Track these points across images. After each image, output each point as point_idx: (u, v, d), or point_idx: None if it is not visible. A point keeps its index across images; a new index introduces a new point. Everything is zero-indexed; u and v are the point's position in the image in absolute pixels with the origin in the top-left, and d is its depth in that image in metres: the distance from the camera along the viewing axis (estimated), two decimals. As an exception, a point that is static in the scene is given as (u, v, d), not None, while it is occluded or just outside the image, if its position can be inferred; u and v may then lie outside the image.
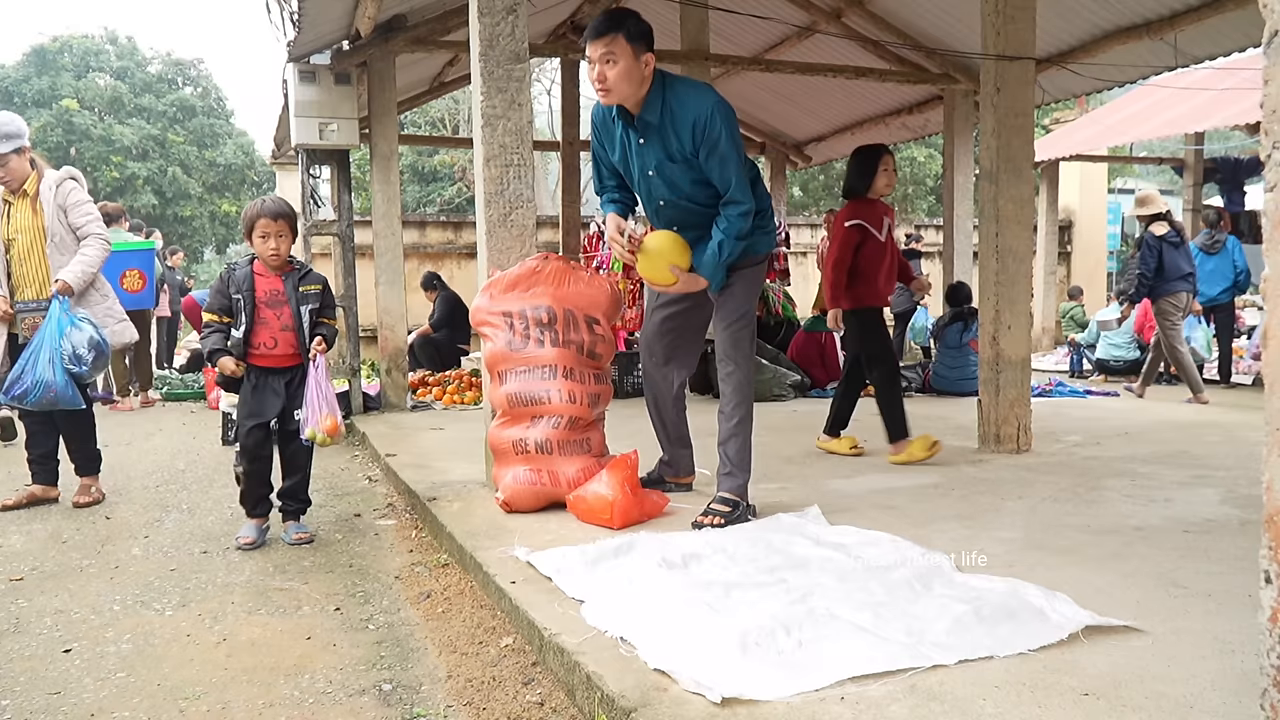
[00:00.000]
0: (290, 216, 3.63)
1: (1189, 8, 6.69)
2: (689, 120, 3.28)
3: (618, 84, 3.27)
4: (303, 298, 3.64)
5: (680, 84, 3.39)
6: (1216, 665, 2.02)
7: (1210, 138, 13.70)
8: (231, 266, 3.68)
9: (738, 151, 3.34)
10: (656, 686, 1.97)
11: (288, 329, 3.61)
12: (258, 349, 3.60)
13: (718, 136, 3.27)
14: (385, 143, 7.12)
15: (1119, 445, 5.09)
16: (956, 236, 8.93)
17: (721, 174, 3.33)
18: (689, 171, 3.39)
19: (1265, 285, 1.10)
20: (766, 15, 7.61)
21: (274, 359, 3.62)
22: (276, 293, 3.61)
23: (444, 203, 21.71)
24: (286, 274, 3.65)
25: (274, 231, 3.56)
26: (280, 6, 6.17)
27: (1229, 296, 8.48)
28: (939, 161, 17.97)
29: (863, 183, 4.72)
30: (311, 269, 3.76)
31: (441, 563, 3.38)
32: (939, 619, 2.25)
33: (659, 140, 3.37)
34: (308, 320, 3.64)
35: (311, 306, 3.66)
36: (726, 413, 3.49)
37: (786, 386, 7.67)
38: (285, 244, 3.60)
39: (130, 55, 25.54)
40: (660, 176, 3.44)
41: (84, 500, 4.35)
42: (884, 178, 4.70)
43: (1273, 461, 1.07)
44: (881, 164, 4.69)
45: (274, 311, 3.60)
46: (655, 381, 3.82)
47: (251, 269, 3.61)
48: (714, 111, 3.27)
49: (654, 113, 3.34)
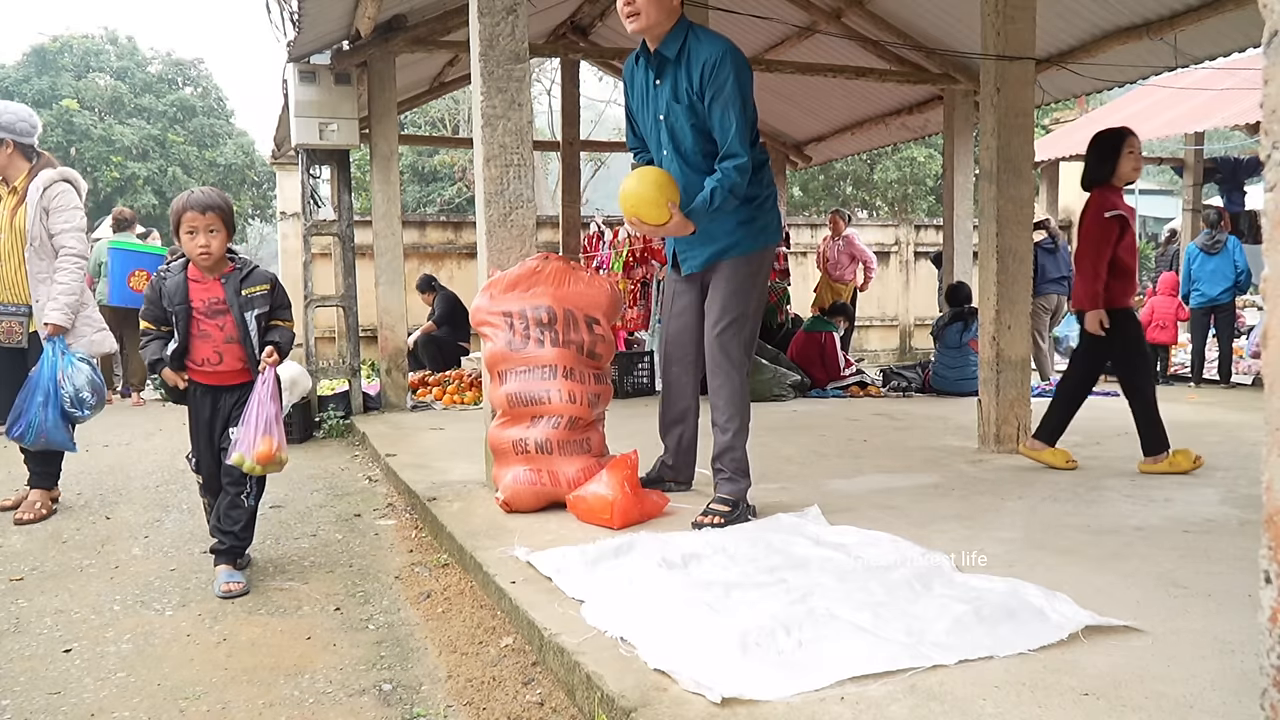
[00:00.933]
0: (223, 209, 3.09)
1: (1189, 8, 6.68)
2: (701, 60, 3.30)
3: (647, 8, 3.31)
4: (246, 302, 3.12)
5: (703, 30, 3.42)
6: (1216, 665, 2.02)
7: (1210, 138, 13.70)
8: (162, 274, 3.16)
9: (743, 104, 3.30)
10: (656, 686, 1.97)
11: (232, 341, 3.10)
12: (201, 365, 3.12)
13: (724, 80, 3.26)
14: (385, 143, 7.12)
15: (1119, 445, 5.09)
16: (956, 236, 8.94)
17: (722, 121, 3.28)
18: (691, 116, 3.37)
19: (1265, 285, 1.10)
20: (766, 15, 7.61)
21: (220, 376, 3.14)
22: (215, 301, 3.10)
23: (444, 203, 21.71)
24: (225, 276, 3.13)
25: (202, 226, 3.04)
26: (280, 6, 6.17)
27: (1229, 297, 8.49)
28: (939, 161, 17.97)
29: (1106, 168, 4.32)
30: (257, 267, 3.21)
31: (441, 563, 3.38)
32: (939, 619, 2.25)
33: (671, 81, 3.39)
34: (255, 328, 3.13)
35: (258, 311, 3.14)
36: (720, 425, 3.44)
37: (786, 386, 7.67)
38: (218, 240, 3.07)
39: (130, 55, 25.54)
40: (667, 123, 3.44)
41: (27, 517, 4.02)
42: (1129, 161, 4.29)
43: (1273, 461, 1.07)
44: (1126, 146, 4.29)
45: (215, 322, 3.10)
46: (669, 384, 3.77)
47: (186, 275, 3.10)
48: (726, 55, 3.28)
49: (672, 49, 3.37)
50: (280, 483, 4.91)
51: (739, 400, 3.44)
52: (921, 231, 14.80)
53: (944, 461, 4.62)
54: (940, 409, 6.92)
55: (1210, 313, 8.58)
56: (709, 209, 3.31)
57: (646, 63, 3.49)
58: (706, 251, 3.50)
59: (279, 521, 4.09)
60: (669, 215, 3.30)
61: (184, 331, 3.08)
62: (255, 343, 3.12)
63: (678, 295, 3.67)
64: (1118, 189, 4.37)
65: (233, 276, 3.13)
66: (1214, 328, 8.64)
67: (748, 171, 3.32)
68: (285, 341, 3.19)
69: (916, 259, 14.65)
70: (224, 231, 3.09)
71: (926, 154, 19.59)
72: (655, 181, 3.33)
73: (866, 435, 5.55)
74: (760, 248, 3.50)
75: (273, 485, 4.84)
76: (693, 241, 3.51)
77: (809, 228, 14.16)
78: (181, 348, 3.09)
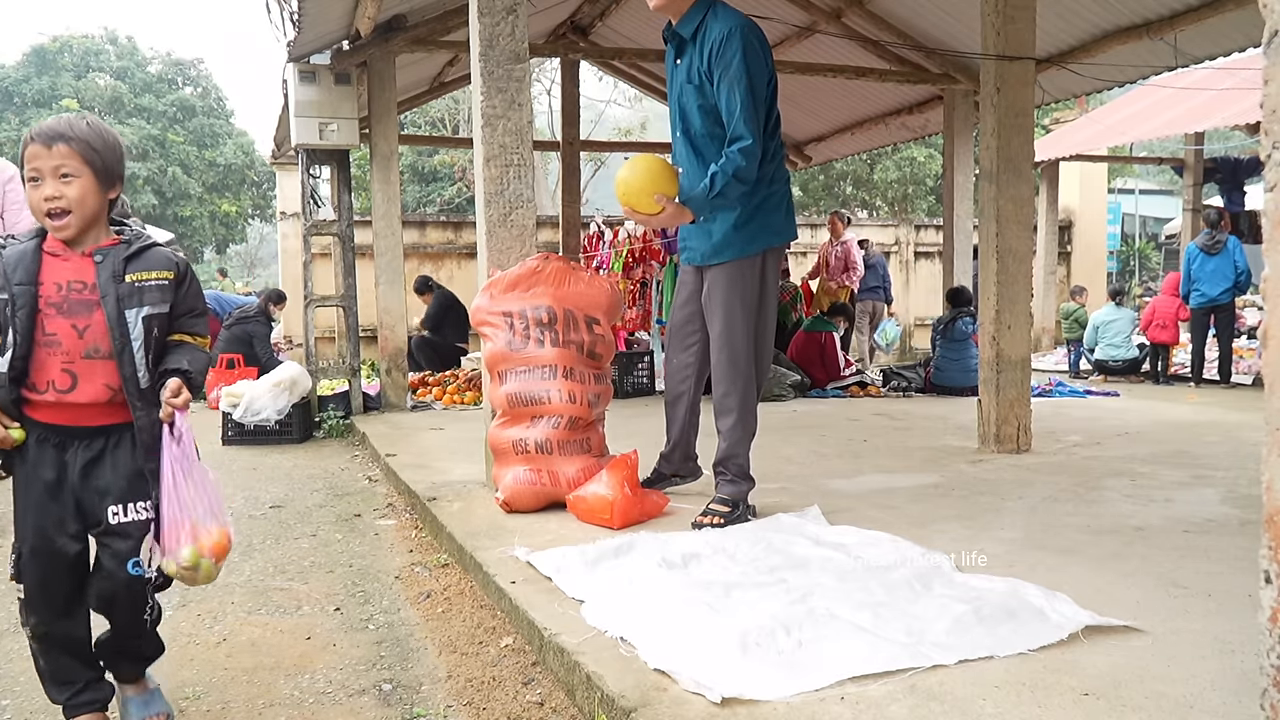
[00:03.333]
0: (83, 140, 1.93)
1: (1189, 8, 6.68)
2: (713, 35, 3.22)
3: None
4: (130, 294, 1.96)
5: (723, 7, 3.34)
6: (1216, 665, 2.02)
7: (1210, 138, 13.70)
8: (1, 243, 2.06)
9: (751, 84, 3.16)
10: (656, 686, 1.97)
11: (98, 354, 1.93)
12: (42, 392, 1.92)
13: (733, 55, 3.14)
14: (385, 143, 7.12)
15: (1119, 445, 5.09)
16: (956, 236, 8.94)
17: (729, 100, 3.16)
18: (699, 97, 3.29)
19: (1265, 285, 1.10)
20: (766, 15, 7.59)
21: (74, 412, 1.94)
22: (79, 286, 1.94)
23: (444, 203, 21.71)
24: (101, 252, 1.96)
25: (48, 169, 1.91)
26: (280, 6, 6.17)
27: (1229, 297, 8.49)
28: (939, 161, 17.96)
29: None
30: (155, 244, 2.05)
31: (441, 563, 3.38)
32: (939, 619, 2.25)
33: (686, 60, 3.34)
34: (142, 337, 1.95)
35: (150, 310, 1.97)
36: (723, 431, 3.40)
37: (786, 386, 7.67)
38: (76, 189, 1.92)
39: (130, 55, 25.56)
40: (679, 104, 3.38)
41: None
42: None
43: (1273, 461, 1.07)
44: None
45: (72, 321, 1.92)
46: (671, 376, 3.70)
47: (40, 244, 1.96)
48: (736, 30, 3.18)
49: (689, 27, 3.31)
50: (280, 483, 4.92)
51: (742, 407, 3.37)
52: (921, 231, 14.80)
53: (944, 461, 4.62)
54: (940, 409, 6.92)
55: (1210, 313, 8.58)
56: (709, 196, 3.18)
57: (670, 43, 3.43)
58: (702, 247, 3.43)
59: (279, 521, 4.09)
60: (659, 206, 3.21)
61: (23, 333, 1.88)
62: (140, 362, 1.95)
63: (682, 284, 3.62)
64: None
65: (113, 253, 1.96)
66: (1214, 328, 8.64)
67: (756, 156, 3.16)
68: (197, 370, 2.02)
69: (916, 259, 14.66)
70: (90, 177, 1.93)
71: (926, 154, 19.59)
72: (647, 169, 3.23)
73: (866, 435, 5.55)
74: (755, 252, 3.35)
75: (273, 485, 4.85)
76: (693, 231, 3.43)
77: (809, 228, 14.16)
78: (16, 363, 1.88)
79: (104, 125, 2.02)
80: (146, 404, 1.96)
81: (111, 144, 1.99)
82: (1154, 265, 20.45)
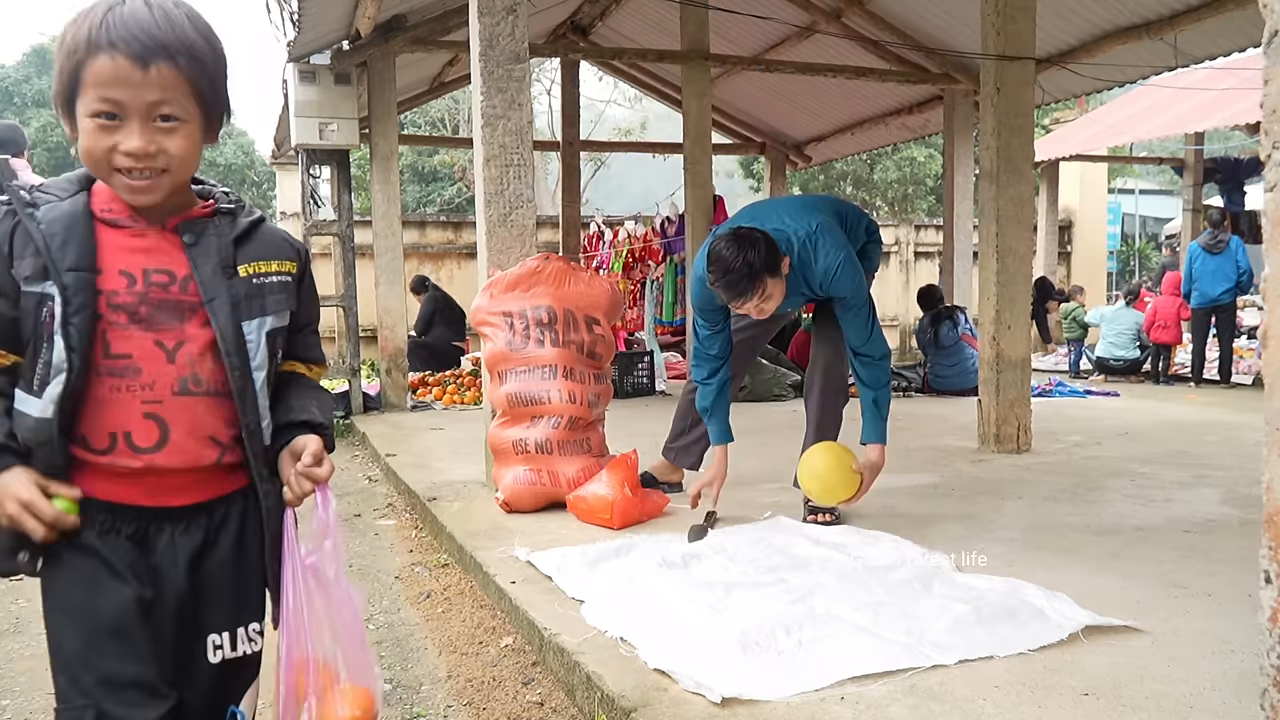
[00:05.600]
0: (196, 57, 1.18)
1: (1189, 8, 6.69)
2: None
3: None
4: (248, 296, 1.27)
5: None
6: (1216, 665, 2.02)
7: (1210, 138, 13.70)
8: (11, 205, 1.18)
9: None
10: (656, 686, 1.97)
11: (199, 388, 1.23)
12: (105, 450, 1.19)
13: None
14: (385, 143, 7.13)
15: (1119, 445, 5.09)
16: (956, 236, 8.94)
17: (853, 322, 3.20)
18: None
19: (1265, 285, 1.10)
20: (766, 15, 7.61)
21: (160, 481, 1.22)
22: (163, 279, 1.21)
23: (444, 203, 21.71)
24: (191, 227, 1.25)
25: (139, 104, 1.15)
26: (280, 6, 6.18)
27: (1230, 297, 8.48)
28: (939, 161, 17.93)
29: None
30: (263, 217, 1.34)
31: (441, 563, 3.38)
32: (939, 619, 2.25)
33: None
34: (266, 364, 1.28)
35: (275, 324, 1.30)
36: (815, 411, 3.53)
37: (786, 386, 7.67)
38: (183, 141, 1.19)
39: (130, 55, 25.56)
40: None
41: None
42: None
43: (1273, 461, 1.07)
44: None
45: (156, 334, 1.20)
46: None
47: (89, 208, 1.21)
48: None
49: None
50: (280, 483, 4.91)
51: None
52: (921, 231, 14.80)
53: (944, 461, 4.62)
54: (940, 409, 6.92)
55: (1211, 313, 8.58)
56: (886, 416, 3.22)
57: None
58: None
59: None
60: (858, 474, 3.11)
61: (80, 352, 1.16)
62: (264, 406, 1.30)
63: (750, 322, 3.49)
64: None
65: (212, 228, 1.27)
66: (1214, 328, 8.64)
67: (885, 354, 3.23)
68: (328, 417, 1.41)
69: (916, 259, 14.66)
70: (199, 120, 1.23)
71: (926, 154, 19.59)
72: (828, 466, 3.10)
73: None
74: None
75: (273, 485, 4.84)
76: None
77: (809, 228, 14.15)
78: (65, 403, 1.16)
79: (204, 18, 1.23)
80: (272, 470, 1.31)
81: (223, 56, 1.25)
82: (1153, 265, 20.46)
